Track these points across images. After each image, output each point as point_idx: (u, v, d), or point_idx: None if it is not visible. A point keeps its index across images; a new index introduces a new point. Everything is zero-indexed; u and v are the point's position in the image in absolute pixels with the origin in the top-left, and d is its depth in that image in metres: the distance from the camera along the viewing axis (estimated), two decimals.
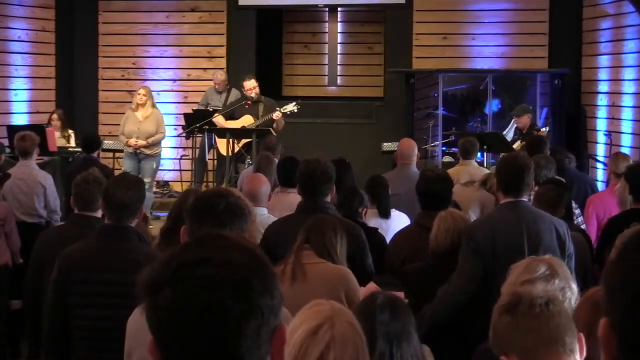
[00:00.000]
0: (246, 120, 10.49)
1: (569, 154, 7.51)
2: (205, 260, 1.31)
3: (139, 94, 10.73)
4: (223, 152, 10.54)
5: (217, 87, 11.60)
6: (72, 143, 10.93)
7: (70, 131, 11.06)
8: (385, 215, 5.62)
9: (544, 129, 10.24)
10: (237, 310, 1.29)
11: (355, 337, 2.09)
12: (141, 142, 10.52)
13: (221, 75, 11.70)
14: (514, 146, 9.73)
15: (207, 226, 2.81)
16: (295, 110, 10.35)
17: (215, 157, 11.42)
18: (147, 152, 10.60)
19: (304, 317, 2.12)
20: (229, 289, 1.29)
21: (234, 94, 11.52)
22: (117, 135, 11.04)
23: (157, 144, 10.71)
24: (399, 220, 5.70)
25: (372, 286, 4.12)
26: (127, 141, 10.53)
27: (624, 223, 5.14)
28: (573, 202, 6.15)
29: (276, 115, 10.18)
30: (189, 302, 1.28)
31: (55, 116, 11.01)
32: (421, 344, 2.76)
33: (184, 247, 1.37)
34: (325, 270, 3.82)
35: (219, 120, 10.58)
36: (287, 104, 10.41)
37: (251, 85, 10.51)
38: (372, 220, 5.43)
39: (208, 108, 11.22)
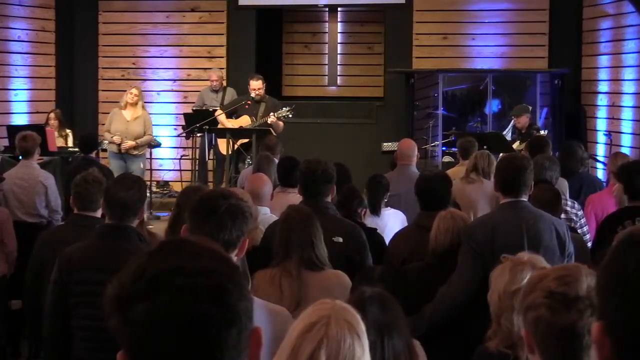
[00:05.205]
0: (244, 121, 10.45)
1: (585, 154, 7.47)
2: (179, 269, 1.24)
3: (131, 93, 10.66)
4: (223, 151, 10.52)
5: (213, 85, 11.59)
6: (70, 143, 10.91)
7: (67, 131, 11.04)
8: (373, 211, 5.60)
9: (543, 131, 10.22)
10: (218, 319, 1.24)
11: (352, 337, 2.07)
12: (130, 143, 10.45)
13: (216, 74, 11.68)
14: (514, 146, 9.73)
15: (207, 227, 2.80)
16: (290, 116, 10.23)
17: (213, 157, 11.42)
18: (134, 152, 10.55)
19: (303, 315, 2.12)
20: (208, 298, 1.23)
21: (230, 92, 11.50)
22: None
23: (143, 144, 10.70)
24: (393, 218, 5.70)
25: None
26: (112, 137, 10.42)
27: (617, 222, 5.15)
28: (576, 202, 6.14)
29: (271, 119, 10.13)
30: (169, 315, 1.22)
31: (52, 115, 10.99)
32: (412, 339, 2.75)
33: (151, 257, 1.28)
34: (323, 278, 3.81)
35: (221, 118, 10.53)
36: (282, 108, 10.33)
37: (256, 86, 10.43)
38: (367, 220, 5.43)
39: (204, 108, 11.20)
